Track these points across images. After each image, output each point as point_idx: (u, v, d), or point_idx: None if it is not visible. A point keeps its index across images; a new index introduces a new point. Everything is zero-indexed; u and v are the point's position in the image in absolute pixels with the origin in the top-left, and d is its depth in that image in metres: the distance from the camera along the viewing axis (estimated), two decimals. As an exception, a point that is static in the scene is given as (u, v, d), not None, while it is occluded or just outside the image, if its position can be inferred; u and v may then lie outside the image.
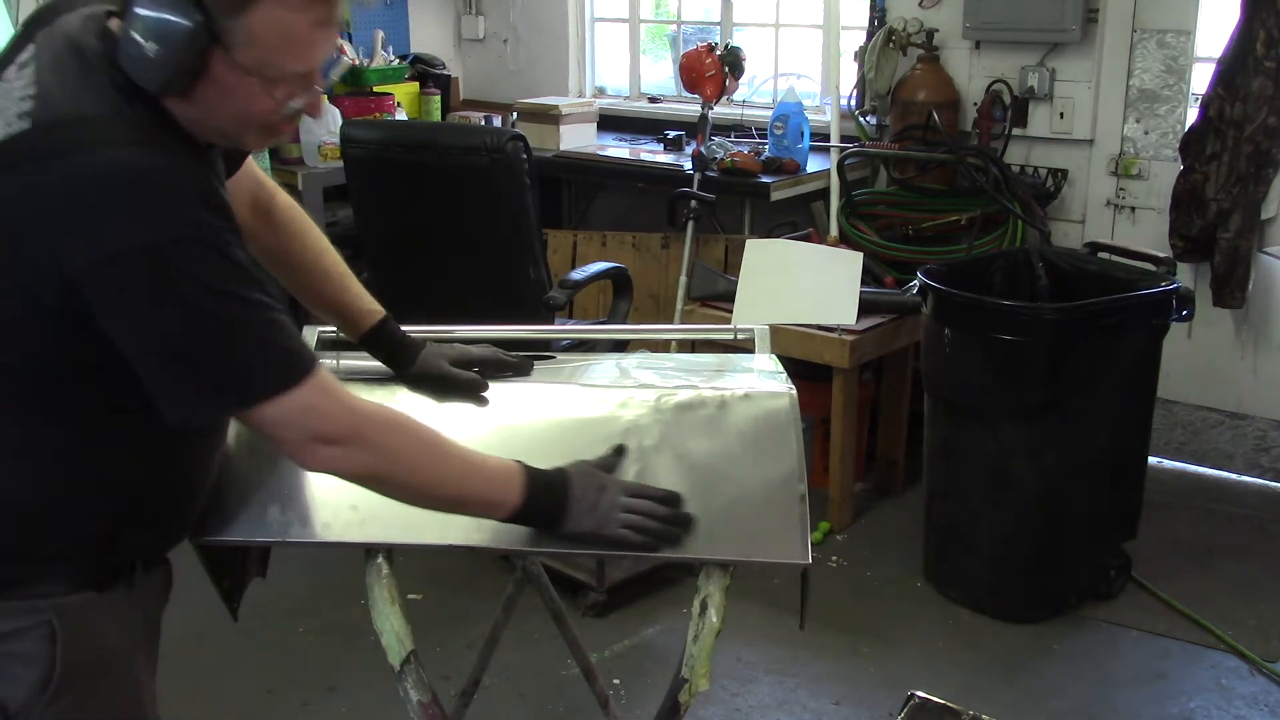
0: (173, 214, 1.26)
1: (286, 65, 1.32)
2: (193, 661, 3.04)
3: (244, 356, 1.32)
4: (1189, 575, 3.50)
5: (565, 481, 1.53)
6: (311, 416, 1.36)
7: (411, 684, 1.54)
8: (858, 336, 3.58)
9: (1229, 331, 4.03)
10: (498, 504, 1.50)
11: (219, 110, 1.33)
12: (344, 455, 1.40)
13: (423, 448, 1.46)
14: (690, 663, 1.54)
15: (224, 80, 1.30)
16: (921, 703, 1.93)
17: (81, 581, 1.43)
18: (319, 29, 1.32)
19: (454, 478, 1.48)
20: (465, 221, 3.33)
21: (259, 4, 1.27)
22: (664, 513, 1.55)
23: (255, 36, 1.28)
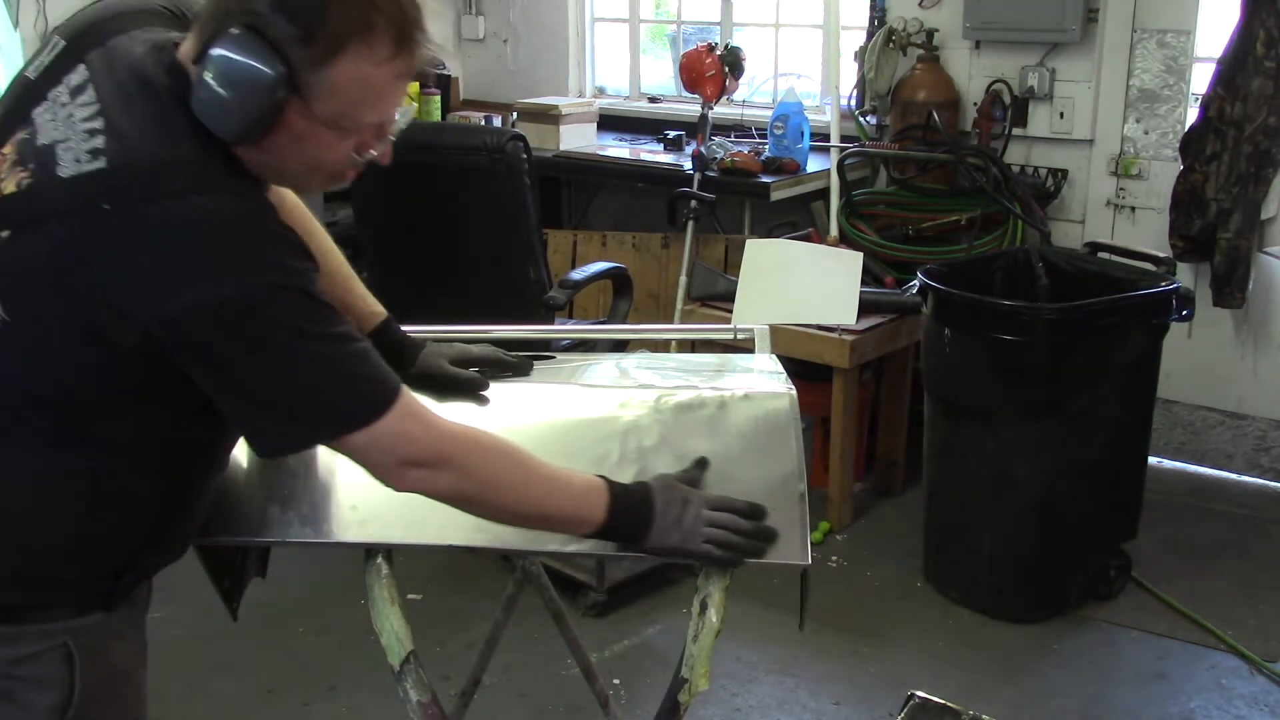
0: (261, 262, 1.26)
1: (363, 117, 1.32)
2: (193, 661, 3.04)
3: (336, 391, 1.32)
4: (1189, 575, 3.50)
5: (649, 496, 1.52)
6: (401, 441, 1.36)
7: (411, 684, 1.54)
8: (858, 336, 3.58)
9: (1229, 331, 4.03)
10: (583, 520, 1.49)
11: (290, 158, 1.32)
12: (433, 476, 1.40)
13: (510, 467, 1.46)
14: (690, 662, 1.54)
15: (298, 129, 1.28)
16: (921, 703, 1.93)
17: (94, 604, 1.43)
18: (399, 81, 1.32)
19: (541, 496, 1.47)
20: (465, 221, 3.33)
21: (344, 57, 1.25)
22: (747, 526, 1.53)
23: (337, 89, 1.27)
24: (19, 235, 1.27)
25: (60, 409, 1.33)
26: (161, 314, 1.23)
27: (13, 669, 1.38)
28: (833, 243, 4.07)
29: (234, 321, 1.25)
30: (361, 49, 1.26)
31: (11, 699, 1.39)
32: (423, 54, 1.33)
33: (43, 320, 1.28)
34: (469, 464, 1.42)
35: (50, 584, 1.39)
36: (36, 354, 1.30)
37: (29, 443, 1.33)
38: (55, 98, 1.30)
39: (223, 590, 1.72)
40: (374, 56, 1.27)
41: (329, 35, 1.24)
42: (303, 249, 1.32)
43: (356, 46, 1.25)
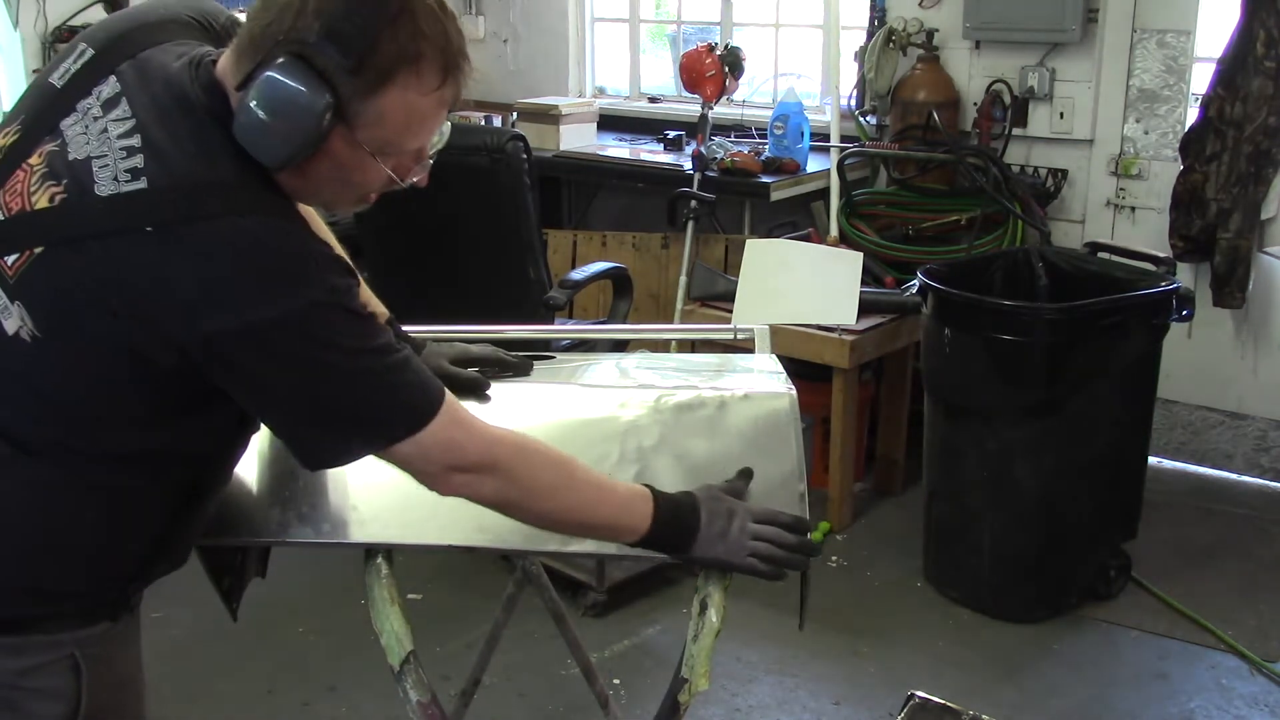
0: (306, 283, 1.26)
1: (406, 144, 1.32)
2: (193, 661, 3.04)
3: (382, 403, 1.33)
4: (1189, 575, 3.50)
5: (694, 507, 1.51)
6: (447, 448, 1.37)
7: (411, 684, 1.54)
8: (858, 336, 3.58)
9: (1229, 331, 4.03)
10: (627, 529, 1.49)
11: (328, 182, 1.33)
12: (478, 481, 1.40)
13: (555, 473, 1.46)
14: (690, 662, 1.54)
15: (341, 156, 1.29)
16: (921, 703, 1.93)
17: (101, 614, 1.43)
18: (442, 108, 1.32)
19: (586, 503, 1.47)
20: (465, 221, 3.33)
21: (392, 87, 1.25)
22: (792, 540, 1.53)
23: (384, 118, 1.27)
24: (52, 252, 1.26)
25: (86, 424, 1.32)
26: (202, 334, 1.23)
27: (19, 680, 1.37)
28: (833, 243, 4.07)
29: (278, 341, 1.25)
30: (410, 79, 1.25)
31: (17, 710, 1.38)
32: (466, 80, 1.32)
33: (77, 339, 1.28)
34: (514, 469, 1.42)
35: (61, 596, 1.39)
36: (67, 371, 1.29)
37: (51, 456, 1.33)
38: (86, 110, 1.29)
39: (223, 590, 1.73)
40: (421, 86, 1.27)
41: (378, 66, 1.24)
42: (343, 265, 1.33)
43: (405, 77, 1.25)
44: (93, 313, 1.26)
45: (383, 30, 1.23)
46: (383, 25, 1.23)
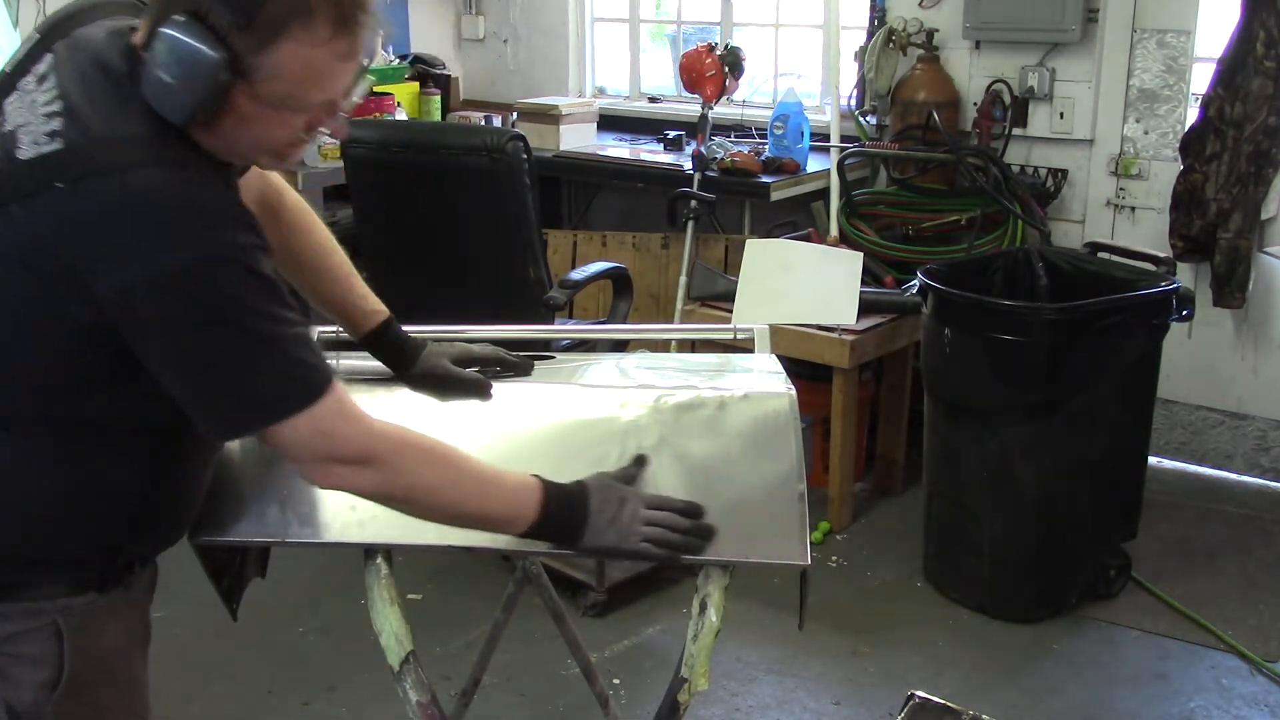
0: (210, 235, 1.28)
1: (309, 97, 1.32)
2: (193, 661, 3.04)
3: (274, 373, 1.34)
4: (1189, 575, 3.50)
5: (585, 495, 1.52)
6: (327, 437, 1.37)
7: (410, 684, 1.54)
8: (858, 336, 3.58)
9: (1229, 331, 4.03)
10: (515, 520, 1.50)
11: (240, 138, 1.34)
12: (356, 474, 1.41)
13: (438, 467, 1.46)
14: (690, 662, 1.54)
15: (246, 111, 1.30)
16: (921, 703, 1.93)
17: (85, 584, 1.45)
18: (344, 61, 1.32)
19: (470, 496, 1.48)
20: (465, 221, 3.33)
21: (283, 40, 1.27)
22: (685, 524, 1.54)
23: (279, 72, 1.28)
24: None
25: (34, 392, 1.35)
26: (110, 284, 1.26)
27: (2, 646, 1.41)
28: (833, 243, 4.07)
29: (181, 294, 1.27)
30: (300, 32, 1.27)
31: (2, 674, 1.41)
32: (368, 33, 1.33)
33: (12, 303, 1.31)
34: (394, 464, 1.42)
35: (39, 563, 1.41)
36: (10, 337, 1.33)
37: (10, 423, 1.36)
38: (23, 87, 1.34)
39: (223, 590, 1.73)
40: (314, 39, 1.28)
41: (267, 20, 1.25)
42: (253, 226, 1.33)
43: (295, 30, 1.26)
44: (19, 274, 1.29)
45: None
46: None
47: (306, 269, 1.78)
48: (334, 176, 4.18)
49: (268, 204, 1.75)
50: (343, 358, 1.88)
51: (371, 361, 1.82)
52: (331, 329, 1.94)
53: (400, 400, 1.76)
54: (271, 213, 1.75)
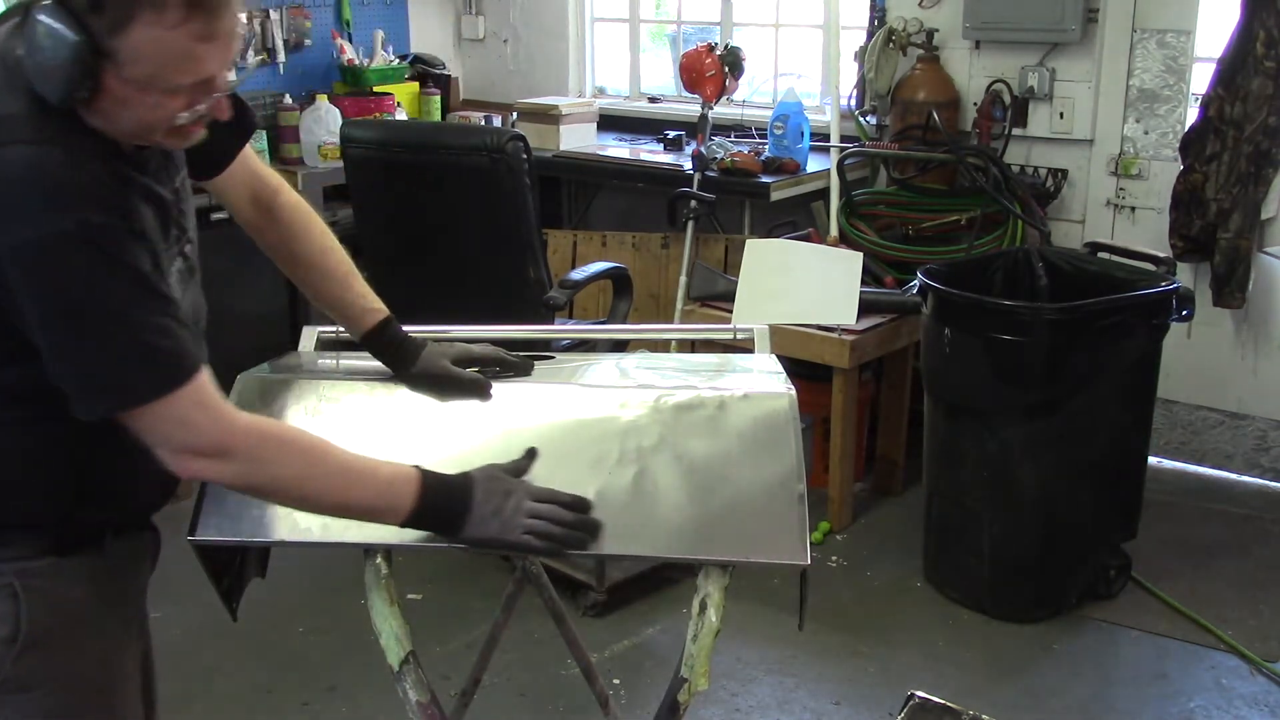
0: (59, 213, 1.30)
1: (174, 79, 1.34)
2: (193, 661, 3.04)
3: (121, 359, 1.35)
4: (1189, 575, 3.50)
5: (468, 486, 1.53)
6: (184, 428, 1.39)
7: (410, 684, 1.54)
8: (858, 336, 3.58)
9: (1229, 331, 4.03)
10: (389, 510, 1.50)
11: (121, 118, 1.36)
12: (214, 467, 1.42)
13: (300, 460, 1.47)
14: (690, 662, 1.54)
15: (119, 93, 1.33)
16: (921, 703, 1.93)
17: (44, 547, 1.48)
18: (203, 43, 1.33)
19: (336, 488, 1.49)
20: (465, 221, 3.33)
21: (134, 25, 1.29)
22: (570, 518, 1.54)
23: (138, 54, 1.30)
24: None
25: None
26: None
27: None
28: (833, 243, 4.07)
29: (26, 265, 1.31)
30: (150, 15, 1.29)
31: None
32: (229, 12, 1.34)
33: None
34: (255, 457, 1.43)
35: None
36: None
37: None
38: None
39: (222, 590, 1.72)
40: (164, 21, 1.29)
41: (118, 3, 1.28)
42: (116, 208, 1.35)
43: (146, 13, 1.29)
44: None
45: None
46: None
47: (304, 268, 1.78)
48: (334, 177, 4.18)
49: (261, 203, 1.75)
50: (343, 358, 1.89)
51: (372, 361, 1.82)
52: (331, 329, 1.94)
53: (400, 400, 1.76)
54: (265, 212, 1.76)
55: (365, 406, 1.76)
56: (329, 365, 1.89)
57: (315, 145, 4.46)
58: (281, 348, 1.99)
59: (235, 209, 1.76)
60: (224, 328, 1.77)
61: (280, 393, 1.76)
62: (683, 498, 1.60)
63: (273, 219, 1.76)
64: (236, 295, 3.94)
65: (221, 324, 1.73)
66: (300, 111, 4.54)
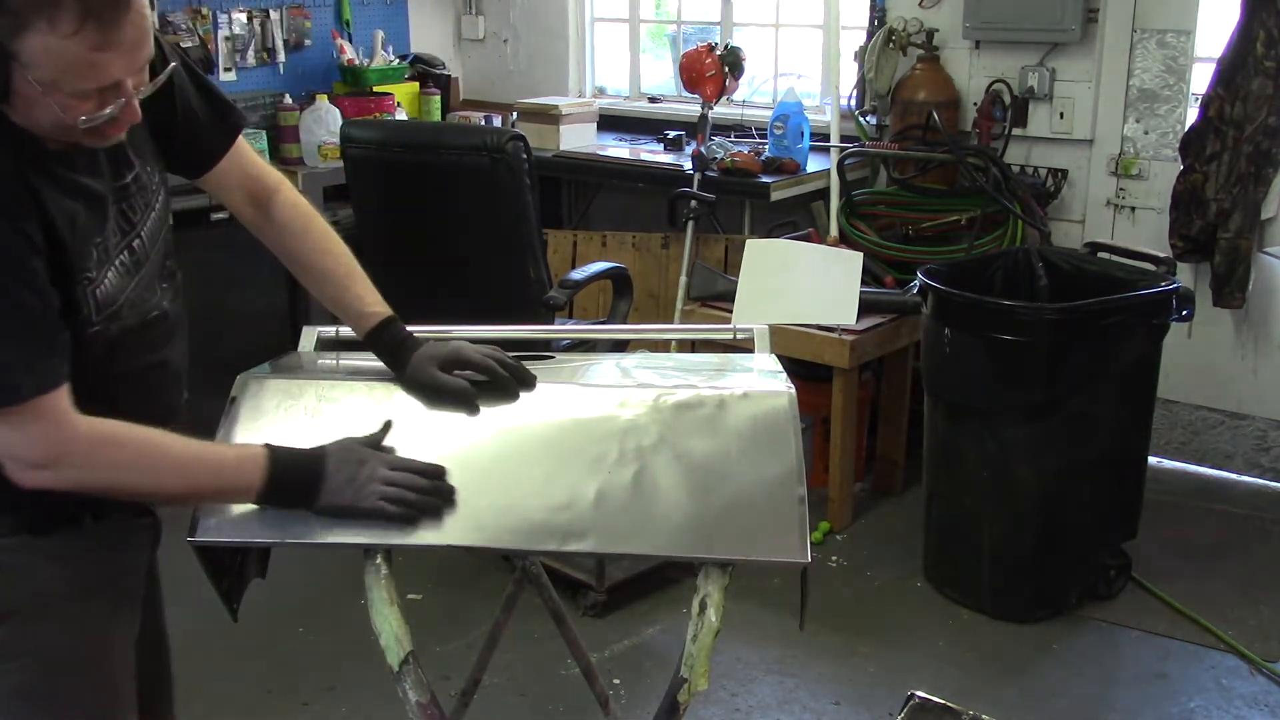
0: None
1: (76, 84, 1.35)
2: (193, 661, 3.03)
3: None
4: (1189, 575, 3.50)
5: (320, 458, 1.55)
6: (15, 444, 1.41)
7: (410, 685, 1.54)
8: (858, 336, 3.58)
9: (1229, 331, 4.03)
10: (240, 490, 1.54)
11: (36, 116, 1.38)
12: (49, 477, 1.43)
13: (136, 460, 1.48)
14: (689, 662, 1.54)
15: (29, 93, 1.35)
16: (921, 703, 1.93)
17: (15, 527, 1.50)
18: (100, 52, 1.33)
19: (178, 478, 1.51)
20: (465, 221, 3.33)
21: (30, 33, 1.30)
22: (424, 484, 1.56)
23: (36, 60, 1.32)
24: None
25: None
26: None
27: None
28: (833, 243, 4.07)
29: None
30: (43, 24, 1.30)
31: None
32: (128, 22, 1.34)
33: None
34: (90, 461, 1.45)
35: None
36: None
37: None
38: None
39: (223, 590, 1.72)
40: (58, 31, 1.30)
41: (12, 10, 1.30)
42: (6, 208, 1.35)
43: (38, 22, 1.30)
44: None
45: None
46: None
47: (304, 269, 1.78)
48: (334, 177, 4.18)
49: (258, 203, 1.75)
50: (343, 358, 1.89)
51: (372, 361, 1.81)
52: (331, 329, 1.94)
53: (400, 400, 1.76)
54: (262, 212, 1.76)
55: (365, 406, 1.76)
56: (329, 365, 1.89)
57: (315, 145, 4.46)
58: (282, 348, 1.99)
59: (233, 208, 1.77)
60: (224, 328, 1.77)
61: (279, 393, 1.76)
62: (683, 497, 1.60)
63: (270, 219, 1.76)
64: (236, 295, 3.94)
65: (222, 324, 1.74)
66: (300, 111, 4.54)
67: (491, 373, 1.75)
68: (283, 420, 1.71)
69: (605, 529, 1.58)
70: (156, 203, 1.60)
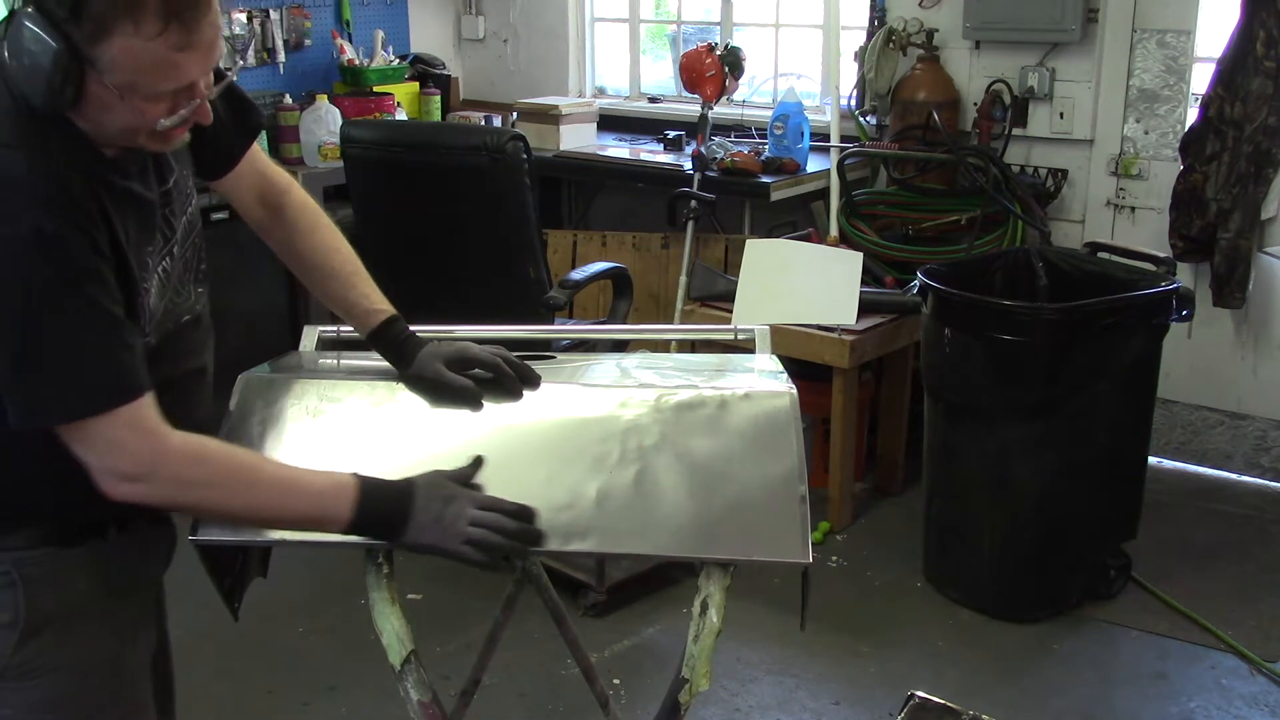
0: (11, 215, 1.30)
1: (156, 86, 1.35)
2: (193, 661, 3.03)
3: (55, 373, 1.34)
4: (1189, 575, 3.50)
5: (409, 495, 1.52)
6: (112, 451, 1.38)
7: (412, 684, 1.54)
8: (858, 336, 3.58)
9: (1229, 331, 4.03)
10: (328, 520, 1.50)
11: (105, 122, 1.37)
12: (141, 490, 1.41)
13: (229, 479, 1.46)
14: (690, 662, 1.54)
15: (102, 98, 1.34)
16: (921, 703, 1.93)
17: (44, 539, 1.48)
18: (182, 52, 1.33)
19: (269, 504, 1.49)
20: (465, 222, 3.33)
21: (112, 36, 1.30)
22: (511, 527, 1.54)
23: (116, 64, 1.31)
24: None
25: None
26: None
27: None
28: (833, 243, 4.07)
29: None
30: (127, 26, 1.29)
31: None
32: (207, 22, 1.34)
33: None
34: (183, 478, 1.43)
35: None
36: None
37: None
38: None
39: (223, 590, 1.72)
40: (142, 33, 1.30)
41: (93, 14, 1.29)
42: (69, 216, 1.33)
43: (122, 25, 1.29)
44: None
45: None
46: None
47: (309, 269, 1.79)
48: (334, 177, 4.18)
49: (269, 202, 1.75)
50: (344, 357, 1.89)
51: (374, 361, 1.81)
52: (332, 328, 1.94)
53: (400, 399, 1.76)
54: (273, 212, 1.76)
55: (366, 406, 1.76)
56: (330, 365, 1.89)
57: (315, 145, 4.46)
58: (282, 347, 1.99)
59: (242, 208, 1.76)
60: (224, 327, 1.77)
61: (281, 392, 1.76)
62: (684, 497, 1.60)
63: (280, 218, 1.76)
64: (237, 294, 3.95)
65: (222, 323, 1.73)
66: (300, 111, 4.54)
67: (498, 371, 1.76)
68: (284, 420, 1.71)
69: (607, 529, 1.58)
70: (190, 205, 1.60)
